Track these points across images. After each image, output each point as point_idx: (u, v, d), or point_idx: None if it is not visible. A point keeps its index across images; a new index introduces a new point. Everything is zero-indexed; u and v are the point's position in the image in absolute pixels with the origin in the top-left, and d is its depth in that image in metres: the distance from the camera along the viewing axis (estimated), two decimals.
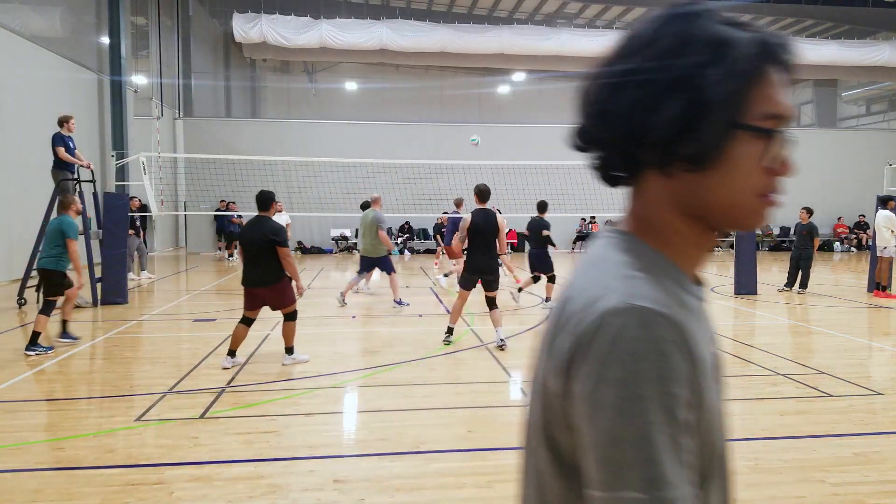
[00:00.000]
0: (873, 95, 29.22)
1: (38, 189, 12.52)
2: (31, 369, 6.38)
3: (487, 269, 7.21)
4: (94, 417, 5.01)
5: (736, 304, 10.92)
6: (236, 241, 20.00)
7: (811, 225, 12.06)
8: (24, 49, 14.11)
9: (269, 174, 19.39)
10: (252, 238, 6.29)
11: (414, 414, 4.99)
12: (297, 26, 21.30)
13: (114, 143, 17.62)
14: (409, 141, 23.13)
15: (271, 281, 6.30)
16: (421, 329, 8.76)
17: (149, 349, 7.45)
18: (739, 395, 5.55)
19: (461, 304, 7.47)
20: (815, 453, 4.21)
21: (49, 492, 3.62)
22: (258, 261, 6.27)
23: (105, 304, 10.31)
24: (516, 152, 22.05)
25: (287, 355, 6.56)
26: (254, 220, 6.40)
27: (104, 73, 17.78)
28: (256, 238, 6.24)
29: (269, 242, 6.20)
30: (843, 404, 5.23)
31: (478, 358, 6.87)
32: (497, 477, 3.82)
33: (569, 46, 22.37)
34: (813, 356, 7.00)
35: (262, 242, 6.21)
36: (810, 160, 25.96)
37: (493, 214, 7.18)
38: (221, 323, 8.91)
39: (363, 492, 3.63)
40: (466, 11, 26.13)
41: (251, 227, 6.38)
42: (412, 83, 25.82)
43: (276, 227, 6.30)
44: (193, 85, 23.83)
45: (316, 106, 25.67)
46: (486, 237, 7.11)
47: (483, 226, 7.09)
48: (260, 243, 6.22)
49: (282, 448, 4.26)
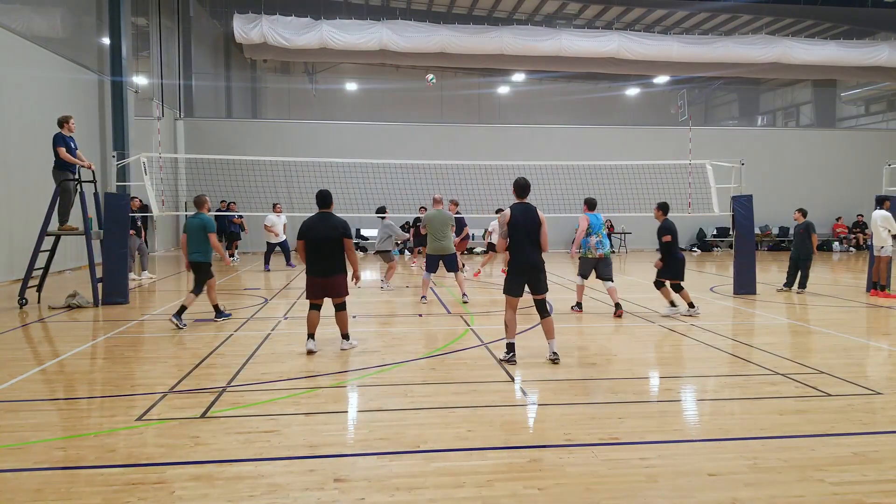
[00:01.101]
0: (872, 96, 29.25)
1: (39, 190, 12.55)
2: (31, 369, 6.40)
3: (535, 265, 6.56)
4: (95, 417, 5.03)
5: (735, 303, 10.93)
6: (237, 242, 20.11)
7: (807, 223, 12.15)
8: (25, 50, 14.13)
9: (270, 174, 19.41)
10: (322, 232, 6.95)
11: (414, 413, 5.01)
12: (297, 27, 21.33)
13: (114, 144, 17.65)
14: (409, 141, 23.15)
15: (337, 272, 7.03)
16: (421, 329, 8.78)
17: (149, 349, 7.46)
18: (739, 394, 5.56)
19: (513, 313, 6.65)
20: (815, 453, 4.22)
21: (50, 491, 3.63)
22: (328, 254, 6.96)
23: (106, 304, 10.33)
24: (516, 152, 22.07)
25: (344, 340, 7.26)
26: (319, 216, 7.06)
27: (105, 74, 17.80)
28: (327, 232, 6.93)
29: (340, 237, 6.93)
30: (842, 404, 5.24)
31: (478, 358, 6.88)
32: (497, 476, 3.84)
33: (568, 47, 22.39)
34: (812, 356, 7.01)
35: (334, 236, 6.92)
36: (809, 160, 26.01)
37: (533, 209, 6.61)
38: (222, 323, 8.94)
39: (363, 491, 3.64)
40: (466, 12, 26.15)
41: (319, 221, 7.02)
42: (412, 84, 25.83)
43: (345, 223, 7.07)
44: (194, 85, 23.86)
45: (316, 106, 25.69)
46: (528, 233, 6.53)
47: (523, 221, 6.53)
48: (332, 237, 6.92)
49: (282, 447, 4.28)
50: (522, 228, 6.52)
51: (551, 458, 4.11)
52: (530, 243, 6.53)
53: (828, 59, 23.65)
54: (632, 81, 27.56)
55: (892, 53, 23.76)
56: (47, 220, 10.50)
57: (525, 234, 6.52)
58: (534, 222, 6.54)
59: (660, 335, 8.22)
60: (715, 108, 30.60)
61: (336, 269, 6.99)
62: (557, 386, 5.78)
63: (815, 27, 26.28)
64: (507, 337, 6.64)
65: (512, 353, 6.56)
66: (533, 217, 6.56)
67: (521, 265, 6.56)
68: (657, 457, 4.13)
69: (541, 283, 6.58)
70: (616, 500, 3.55)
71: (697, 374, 6.26)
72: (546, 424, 4.83)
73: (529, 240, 6.53)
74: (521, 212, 6.58)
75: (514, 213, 6.55)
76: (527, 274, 6.55)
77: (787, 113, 30.08)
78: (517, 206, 6.65)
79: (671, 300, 9.67)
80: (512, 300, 6.62)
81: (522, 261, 6.54)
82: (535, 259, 6.54)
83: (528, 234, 6.53)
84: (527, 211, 6.60)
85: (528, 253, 6.52)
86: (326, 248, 6.91)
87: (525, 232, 6.52)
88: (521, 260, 6.55)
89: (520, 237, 6.53)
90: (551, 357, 6.52)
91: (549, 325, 6.61)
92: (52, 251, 10.96)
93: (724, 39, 24.07)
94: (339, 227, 6.95)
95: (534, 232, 6.53)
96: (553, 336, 6.61)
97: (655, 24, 26.64)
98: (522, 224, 6.53)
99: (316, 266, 6.98)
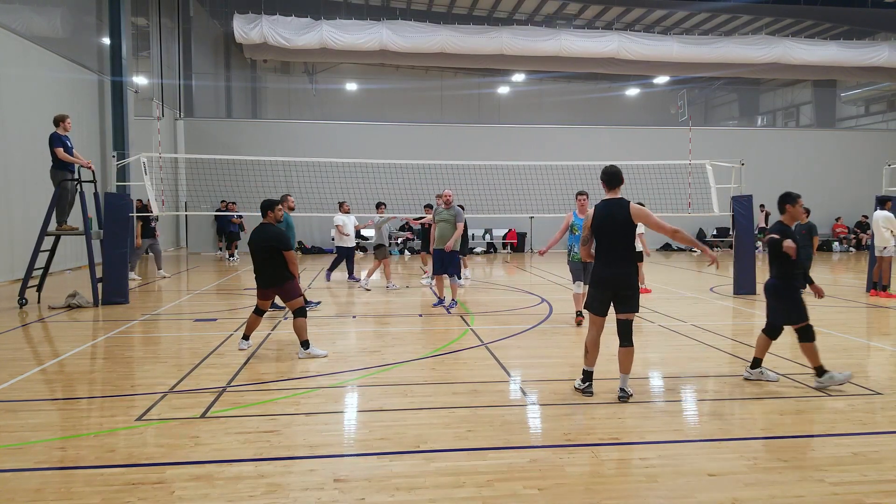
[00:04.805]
0: (872, 96, 29.25)
1: (40, 190, 12.54)
2: (31, 369, 6.40)
3: (620, 282, 5.31)
4: (95, 417, 5.02)
5: (735, 303, 10.93)
6: (236, 242, 20.11)
7: (810, 224, 12.11)
8: (25, 50, 14.13)
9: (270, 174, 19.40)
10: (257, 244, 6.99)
11: (414, 413, 5.00)
12: (297, 27, 21.33)
13: (114, 144, 17.65)
14: (409, 141, 23.15)
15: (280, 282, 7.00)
16: (421, 329, 8.78)
17: (150, 349, 7.46)
18: (739, 394, 5.56)
19: (597, 333, 5.48)
20: (815, 453, 4.22)
21: (50, 491, 3.63)
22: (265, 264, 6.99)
23: (106, 304, 10.33)
24: (516, 152, 22.06)
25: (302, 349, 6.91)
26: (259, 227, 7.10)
27: (105, 74, 17.80)
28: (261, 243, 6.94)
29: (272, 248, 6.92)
30: (842, 404, 5.24)
31: (478, 358, 6.88)
32: (497, 476, 3.84)
33: (568, 47, 22.39)
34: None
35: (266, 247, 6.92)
36: (809, 160, 26.01)
37: (625, 204, 5.31)
38: (222, 323, 8.93)
39: (363, 491, 3.64)
40: (466, 12, 26.15)
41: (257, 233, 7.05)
42: (412, 84, 25.85)
43: (280, 232, 7.05)
44: (194, 85, 23.87)
45: (316, 106, 25.70)
46: (615, 237, 5.32)
47: (610, 222, 5.32)
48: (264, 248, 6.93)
49: (282, 447, 4.28)
50: (608, 234, 5.35)
51: (551, 458, 4.11)
52: (616, 250, 5.34)
53: (828, 59, 23.65)
54: (632, 81, 27.56)
55: (892, 53, 23.76)
56: (47, 220, 10.49)
57: (609, 242, 5.37)
58: (623, 224, 5.29)
59: (660, 335, 8.22)
60: (715, 108, 30.60)
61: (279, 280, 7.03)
62: (557, 386, 5.78)
63: (815, 27, 26.28)
64: (585, 364, 5.52)
65: (589, 384, 5.48)
66: (620, 217, 5.29)
67: (601, 278, 5.38)
68: (657, 457, 4.13)
69: (630, 301, 5.32)
70: (616, 500, 3.55)
71: (697, 374, 6.26)
72: (546, 424, 4.83)
73: (615, 246, 5.35)
74: (608, 211, 5.36)
75: (597, 214, 5.42)
76: (611, 289, 5.34)
77: (787, 113, 30.08)
78: (602, 203, 5.46)
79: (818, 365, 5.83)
80: (598, 319, 5.45)
81: (603, 272, 5.38)
82: (620, 273, 5.32)
83: (613, 241, 5.35)
84: (612, 209, 5.34)
85: (610, 262, 5.35)
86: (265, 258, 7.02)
87: (611, 238, 5.35)
88: (601, 271, 5.39)
89: (604, 244, 5.40)
90: (620, 395, 5.33)
91: (627, 355, 5.36)
92: (52, 251, 10.96)
93: (724, 40, 24.07)
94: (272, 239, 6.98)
95: (621, 235, 5.32)
96: (628, 370, 5.38)
97: (655, 25, 26.64)
98: (608, 226, 5.34)
99: None
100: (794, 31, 26.63)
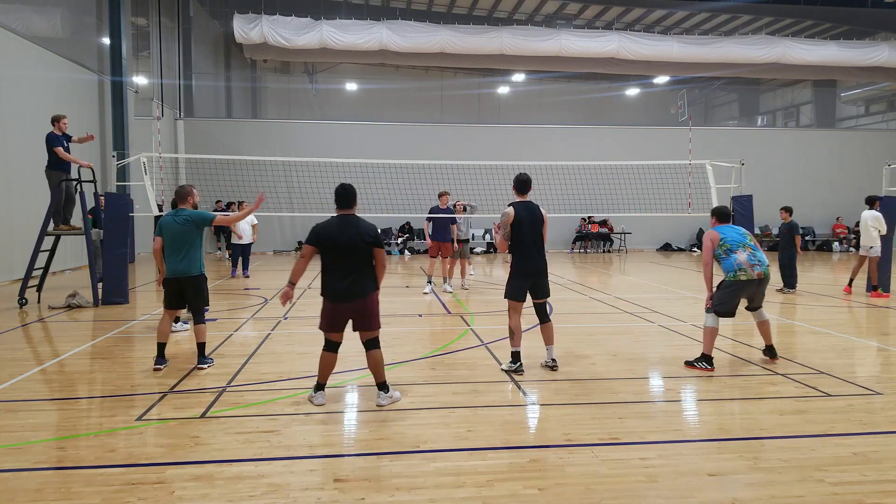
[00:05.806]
0: (872, 96, 29.25)
1: (39, 190, 12.53)
2: (31, 369, 6.40)
3: (540, 271, 6.16)
4: (95, 417, 5.02)
5: None
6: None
7: (792, 223, 12.31)
8: (25, 49, 14.13)
9: (270, 174, 19.41)
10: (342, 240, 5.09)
11: (414, 413, 5.00)
12: (297, 27, 21.33)
13: (114, 144, 17.65)
14: (409, 141, 23.15)
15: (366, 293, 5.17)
16: (421, 329, 8.78)
17: (150, 349, 7.45)
18: (739, 394, 5.56)
19: (518, 318, 6.19)
20: (815, 453, 4.22)
21: (49, 491, 3.63)
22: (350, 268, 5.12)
23: (106, 304, 10.33)
24: (516, 152, 22.05)
25: None
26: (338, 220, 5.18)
27: (105, 74, 17.80)
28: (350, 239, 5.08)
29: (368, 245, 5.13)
30: (842, 404, 5.24)
31: (478, 358, 6.87)
32: (497, 476, 3.84)
33: (568, 47, 22.39)
34: (812, 356, 7.00)
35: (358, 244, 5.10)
36: (809, 160, 26.02)
37: (536, 206, 6.20)
38: (222, 323, 8.94)
39: (363, 491, 3.64)
40: (466, 12, 26.14)
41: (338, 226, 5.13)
42: (412, 84, 25.82)
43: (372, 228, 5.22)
44: (194, 85, 23.86)
45: (316, 106, 25.69)
46: (533, 234, 6.11)
47: (529, 221, 6.09)
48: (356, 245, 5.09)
49: (282, 447, 4.28)
50: (528, 229, 6.09)
51: (551, 458, 4.11)
52: (535, 246, 6.14)
53: (828, 59, 23.64)
54: (632, 81, 27.55)
55: (892, 53, 23.75)
56: (47, 220, 10.49)
57: (530, 236, 6.10)
58: (539, 222, 6.16)
59: (660, 335, 8.22)
60: (715, 108, 30.59)
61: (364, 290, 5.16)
62: (557, 386, 5.78)
63: (815, 27, 26.27)
64: (512, 345, 6.19)
65: (519, 364, 6.15)
66: (537, 216, 6.16)
67: (527, 270, 6.14)
68: (657, 457, 4.13)
69: (545, 288, 6.25)
70: (616, 500, 3.55)
71: (697, 375, 6.26)
72: (546, 424, 4.83)
73: (535, 242, 6.13)
74: (526, 211, 6.13)
75: (518, 213, 6.09)
76: (532, 278, 6.15)
77: (787, 113, 30.07)
78: (520, 204, 6.17)
79: None
80: (516, 305, 6.17)
81: (529, 265, 6.13)
82: (541, 264, 6.17)
83: (533, 235, 6.11)
84: (531, 209, 6.16)
85: (534, 257, 6.13)
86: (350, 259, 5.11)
87: (530, 233, 6.10)
88: (527, 264, 6.13)
89: (525, 239, 6.09)
90: (549, 364, 6.25)
91: (549, 330, 6.30)
92: (51, 251, 10.96)
93: (724, 40, 24.06)
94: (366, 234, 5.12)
95: (538, 232, 6.15)
96: (552, 342, 6.30)
97: (655, 25, 26.64)
98: (528, 224, 6.10)
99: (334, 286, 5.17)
100: (794, 31, 26.63)
